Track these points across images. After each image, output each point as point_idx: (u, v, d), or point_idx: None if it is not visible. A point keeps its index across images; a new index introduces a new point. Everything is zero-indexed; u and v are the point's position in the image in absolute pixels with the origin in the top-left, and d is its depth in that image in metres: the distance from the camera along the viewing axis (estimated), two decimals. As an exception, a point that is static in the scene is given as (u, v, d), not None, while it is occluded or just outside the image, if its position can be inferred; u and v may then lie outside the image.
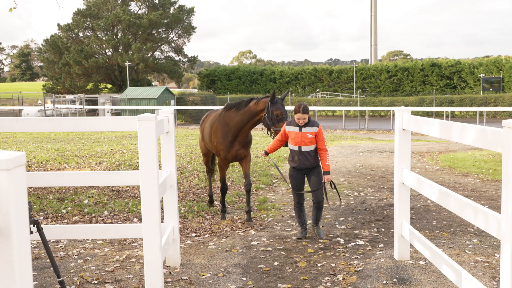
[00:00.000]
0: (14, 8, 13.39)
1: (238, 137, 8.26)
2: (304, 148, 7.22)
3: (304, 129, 7.22)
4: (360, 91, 56.03)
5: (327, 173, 7.31)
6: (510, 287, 3.50)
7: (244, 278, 5.80)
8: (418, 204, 9.22)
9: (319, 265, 6.21)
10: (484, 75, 50.41)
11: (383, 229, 7.70)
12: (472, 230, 7.47)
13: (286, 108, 9.95)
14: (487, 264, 6.01)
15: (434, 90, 49.41)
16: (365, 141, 23.48)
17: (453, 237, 7.18)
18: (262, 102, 8.00)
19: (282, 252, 6.70)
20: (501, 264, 3.60)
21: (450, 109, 34.25)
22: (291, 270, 6.07)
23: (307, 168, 7.35)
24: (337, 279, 5.72)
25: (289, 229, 7.77)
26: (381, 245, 6.93)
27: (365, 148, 19.15)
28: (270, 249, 6.85)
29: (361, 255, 6.49)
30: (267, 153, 7.94)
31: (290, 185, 7.56)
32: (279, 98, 8.01)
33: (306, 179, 7.55)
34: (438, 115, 40.29)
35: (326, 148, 7.34)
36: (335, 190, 7.48)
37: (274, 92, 8.03)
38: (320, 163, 7.39)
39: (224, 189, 8.85)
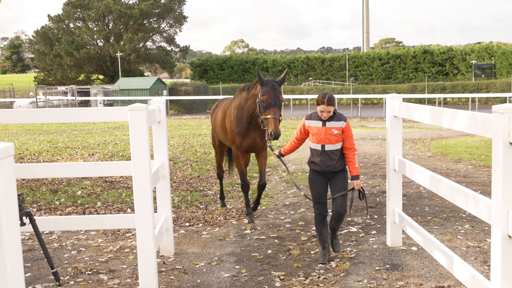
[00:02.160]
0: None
1: (254, 123, 7.27)
2: (328, 147, 5.97)
3: (328, 124, 5.96)
4: (353, 79, 56.02)
5: (356, 177, 6.02)
6: (500, 271, 3.53)
7: (237, 267, 5.83)
8: (410, 191, 9.26)
9: (312, 252, 6.24)
10: (476, 61, 50.51)
11: (376, 216, 7.73)
12: (464, 215, 7.51)
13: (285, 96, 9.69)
14: (478, 249, 6.06)
15: (426, 77, 49.50)
16: (358, 128, 23.53)
17: (445, 223, 7.22)
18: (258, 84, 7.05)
19: (275, 240, 6.72)
20: (492, 249, 3.63)
21: (442, 96, 34.35)
22: (284, 258, 6.10)
23: (331, 172, 6.07)
24: (330, 266, 5.75)
25: (282, 217, 7.79)
26: (374, 231, 6.96)
27: (358, 136, 19.19)
28: (264, 237, 6.87)
29: (354, 242, 6.52)
30: (281, 155, 6.58)
31: (310, 199, 6.28)
32: (270, 80, 6.90)
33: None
34: (431, 102, 40.39)
35: (354, 147, 6.08)
36: (363, 200, 6.32)
37: (259, 72, 6.91)
38: (346, 166, 6.17)
39: (245, 186, 7.68)
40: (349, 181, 6.12)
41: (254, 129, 7.33)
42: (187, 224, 7.58)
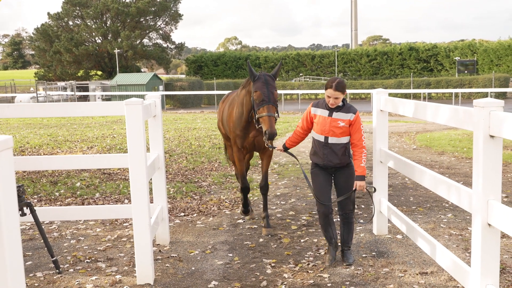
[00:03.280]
0: (4, -3, 13.17)
1: (253, 120, 6.32)
2: (332, 140, 5.25)
3: (335, 115, 5.24)
4: (342, 75, 56.06)
5: (361, 178, 5.21)
6: (480, 257, 3.56)
7: (230, 255, 5.84)
8: (396, 182, 9.30)
9: (302, 240, 6.26)
10: (459, 58, 50.63)
11: (363, 206, 7.76)
12: (447, 205, 7.55)
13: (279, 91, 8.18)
14: (460, 237, 6.10)
15: (411, 73, 49.62)
16: (346, 122, 23.52)
17: (429, 212, 7.26)
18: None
19: (266, 229, 6.71)
20: (472, 237, 3.65)
21: (427, 91, 34.46)
22: (275, 246, 6.11)
23: (334, 167, 5.38)
24: (319, 253, 5.77)
25: (274, 207, 7.79)
26: (361, 221, 6.98)
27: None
28: (255, 226, 6.88)
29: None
30: (286, 148, 5.85)
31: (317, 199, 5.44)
32: (263, 74, 6.07)
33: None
34: (416, 97, 40.47)
35: (363, 144, 5.29)
36: (371, 197, 5.76)
37: (250, 66, 6.09)
38: (352, 162, 5.40)
39: (245, 188, 6.87)
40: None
41: (255, 128, 6.37)
42: (182, 214, 7.58)
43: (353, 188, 5.28)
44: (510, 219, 3.22)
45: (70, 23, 59.03)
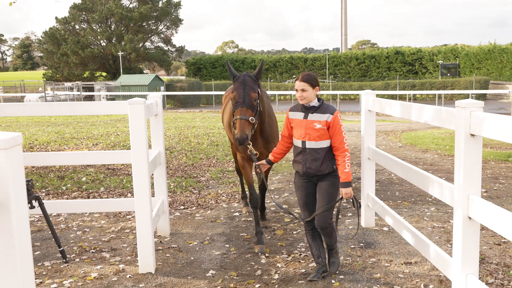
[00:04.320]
0: (14, 2, 13.11)
1: (255, 132, 5.43)
2: (310, 144, 4.51)
3: (311, 116, 4.53)
4: (332, 77, 56.01)
5: (346, 185, 4.50)
6: (461, 248, 3.57)
7: (227, 245, 5.84)
8: (383, 177, 9.31)
9: (294, 232, 6.26)
10: (442, 61, 50.69)
11: (351, 200, 7.75)
12: (430, 199, 7.57)
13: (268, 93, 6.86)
14: (442, 229, 6.12)
15: (398, 76, 49.65)
16: (336, 122, 23.53)
17: (413, 206, 7.27)
18: None
19: (261, 222, 6.72)
20: (454, 228, 3.67)
21: (412, 92, 34.49)
22: (269, 237, 6.12)
23: (315, 175, 4.61)
24: (311, 244, 5.76)
25: (268, 201, 7.78)
26: (350, 214, 6.99)
27: (336, 128, 19.20)
28: (251, 219, 6.88)
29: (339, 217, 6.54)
30: (271, 163, 4.98)
31: (293, 215, 4.93)
32: (243, 74, 5.17)
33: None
34: (402, 98, 40.51)
35: (345, 147, 4.50)
36: (357, 209, 4.87)
37: (229, 66, 5.28)
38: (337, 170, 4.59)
39: (254, 200, 5.74)
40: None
41: (256, 138, 5.53)
42: (182, 207, 7.57)
43: (339, 197, 4.57)
44: (489, 213, 3.23)
45: (77, 27, 58.78)
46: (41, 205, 5.25)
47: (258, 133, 5.48)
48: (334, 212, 4.96)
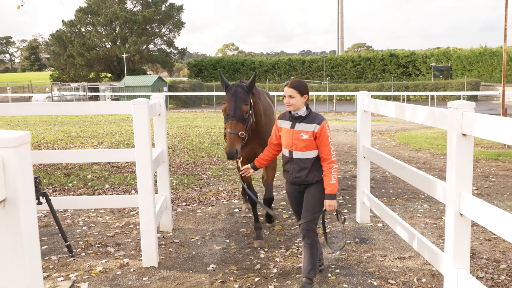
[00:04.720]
0: (22, 5, 13.09)
1: (251, 132, 5.30)
2: (296, 155, 4.25)
3: (298, 126, 4.25)
4: (329, 79, 56.01)
5: (331, 197, 4.17)
6: (453, 244, 3.57)
7: (227, 240, 5.84)
8: (377, 175, 9.31)
9: (292, 228, 6.26)
10: (435, 64, 50.68)
11: (347, 197, 7.77)
12: (423, 197, 7.57)
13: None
14: (435, 225, 6.12)
15: (392, 77, 49.65)
16: (333, 121, 23.57)
17: (407, 203, 7.28)
18: None
19: (260, 218, 6.72)
20: (446, 225, 3.67)
21: (406, 93, 34.54)
22: (268, 232, 6.12)
23: (303, 184, 4.33)
24: (308, 240, 5.76)
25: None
26: (346, 210, 6.99)
27: (333, 128, 19.23)
28: (250, 215, 6.88)
29: (328, 219, 6.56)
30: (255, 168, 4.69)
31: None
32: (236, 84, 5.02)
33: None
34: (396, 99, 40.49)
35: (332, 158, 4.19)
36: (341, 224, 4.64)
37: (221, 76, 5.14)
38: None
39: (252, 201, 5.74)
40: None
41: (252, 139, 5.37)
42: (184, 203, 7.57)
43: (323, 209, 4.24)
44: (480, 210, 3.24)
45: (83, 29, 58.75)
46: (48, 201, 5.25)
47: (256, 135, 5.39)
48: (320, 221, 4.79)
